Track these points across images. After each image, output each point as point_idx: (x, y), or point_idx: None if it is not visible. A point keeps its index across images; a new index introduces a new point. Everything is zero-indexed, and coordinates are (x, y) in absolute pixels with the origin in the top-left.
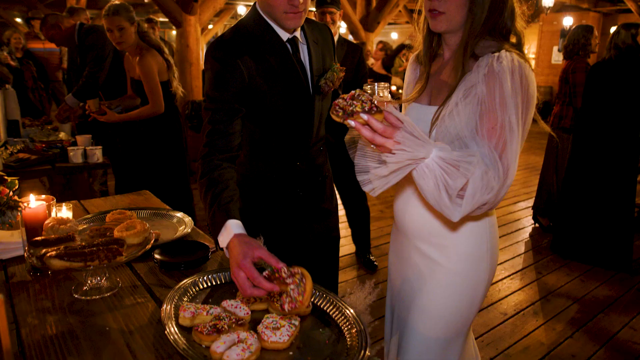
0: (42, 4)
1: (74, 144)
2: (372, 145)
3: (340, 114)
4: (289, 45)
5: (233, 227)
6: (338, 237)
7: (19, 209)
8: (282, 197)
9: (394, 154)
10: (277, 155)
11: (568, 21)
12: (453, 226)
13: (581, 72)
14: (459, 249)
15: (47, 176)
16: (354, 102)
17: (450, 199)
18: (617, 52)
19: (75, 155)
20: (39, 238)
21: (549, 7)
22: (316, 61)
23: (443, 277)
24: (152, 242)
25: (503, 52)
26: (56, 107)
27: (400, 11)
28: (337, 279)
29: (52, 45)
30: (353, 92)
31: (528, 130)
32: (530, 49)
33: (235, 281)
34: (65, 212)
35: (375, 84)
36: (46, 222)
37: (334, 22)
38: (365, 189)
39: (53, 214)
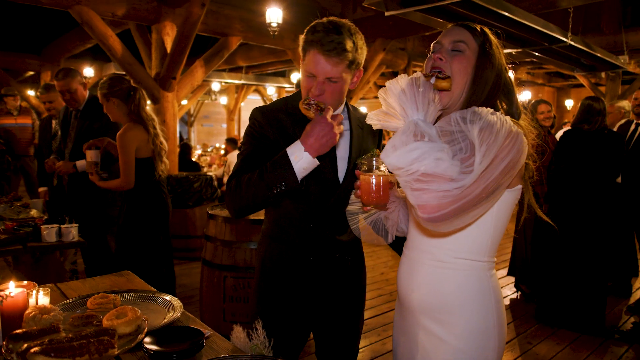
0: (15, 80)
1: (47, 221)
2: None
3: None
4: None
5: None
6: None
7: (0, 298)
8: (297, 260)
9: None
10: (294, 215)
11: (527, 95)
12: (458, 300)
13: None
14: (465, 325)
15: (11, 255)
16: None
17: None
18: (588, 123)
19: (49, 234)
20: (19, 331)
21: None
22: (356, 142)
23: (450, 356)
24: (145, 330)
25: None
26: (24, 183)
27: (370, 87)
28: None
29: (24, 121)
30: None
31: (505, 186)
32: None
33: (329, 130)
34: (42, 297)
35: (373, 158)
36: (27, 312)
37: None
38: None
39: (32, 301)
